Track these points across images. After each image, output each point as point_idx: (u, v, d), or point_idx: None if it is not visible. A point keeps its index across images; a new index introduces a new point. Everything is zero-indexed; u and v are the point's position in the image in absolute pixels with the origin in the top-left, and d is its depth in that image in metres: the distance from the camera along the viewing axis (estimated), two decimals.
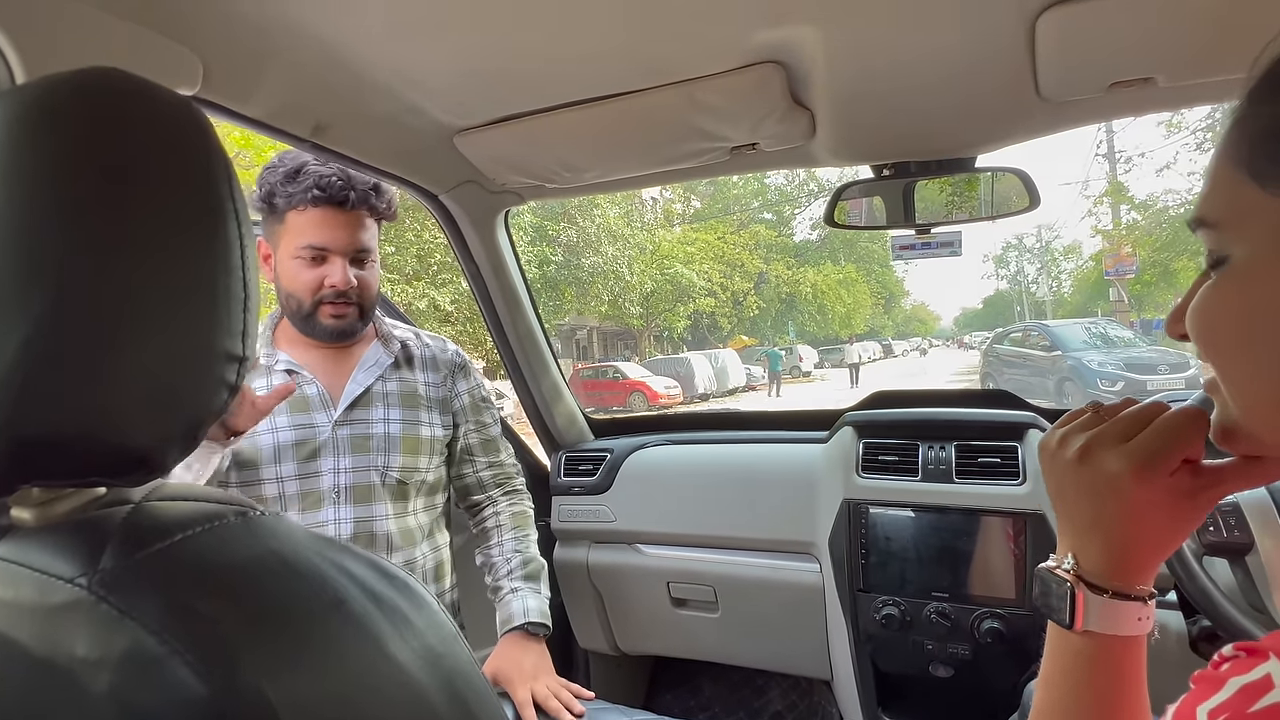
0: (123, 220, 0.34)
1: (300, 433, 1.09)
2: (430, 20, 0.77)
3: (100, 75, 0.37)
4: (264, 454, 1.07)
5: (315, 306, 1.08)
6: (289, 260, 1.07)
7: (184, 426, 0.37)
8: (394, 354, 1.19)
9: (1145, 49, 0.83)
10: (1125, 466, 0.43)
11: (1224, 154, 0.38)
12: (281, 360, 1.12)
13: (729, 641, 1.57)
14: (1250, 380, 0.38)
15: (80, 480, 0.36)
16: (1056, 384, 10.14)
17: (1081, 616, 0.44)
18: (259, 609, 0.33)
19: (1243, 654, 0.33)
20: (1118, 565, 0.45)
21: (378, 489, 1.11)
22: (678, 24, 0.80)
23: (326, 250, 1.07)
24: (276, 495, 1.08)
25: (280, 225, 1.07)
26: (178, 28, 0.73)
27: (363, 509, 1.10)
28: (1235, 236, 0.37)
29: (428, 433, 1.18)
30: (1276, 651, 0.31)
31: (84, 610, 0.30)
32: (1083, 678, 0.45)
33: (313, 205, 1.05)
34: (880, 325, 44.21)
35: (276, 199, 1.06)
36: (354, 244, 1.08)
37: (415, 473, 1.16)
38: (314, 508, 1.08)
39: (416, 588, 0.39)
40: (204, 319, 0.37)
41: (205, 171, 0.38)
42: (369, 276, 1.12)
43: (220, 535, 0.35)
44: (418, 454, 1.16)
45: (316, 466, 1.08)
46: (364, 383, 1.14)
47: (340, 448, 1.10)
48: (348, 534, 1.08)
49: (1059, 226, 41.48)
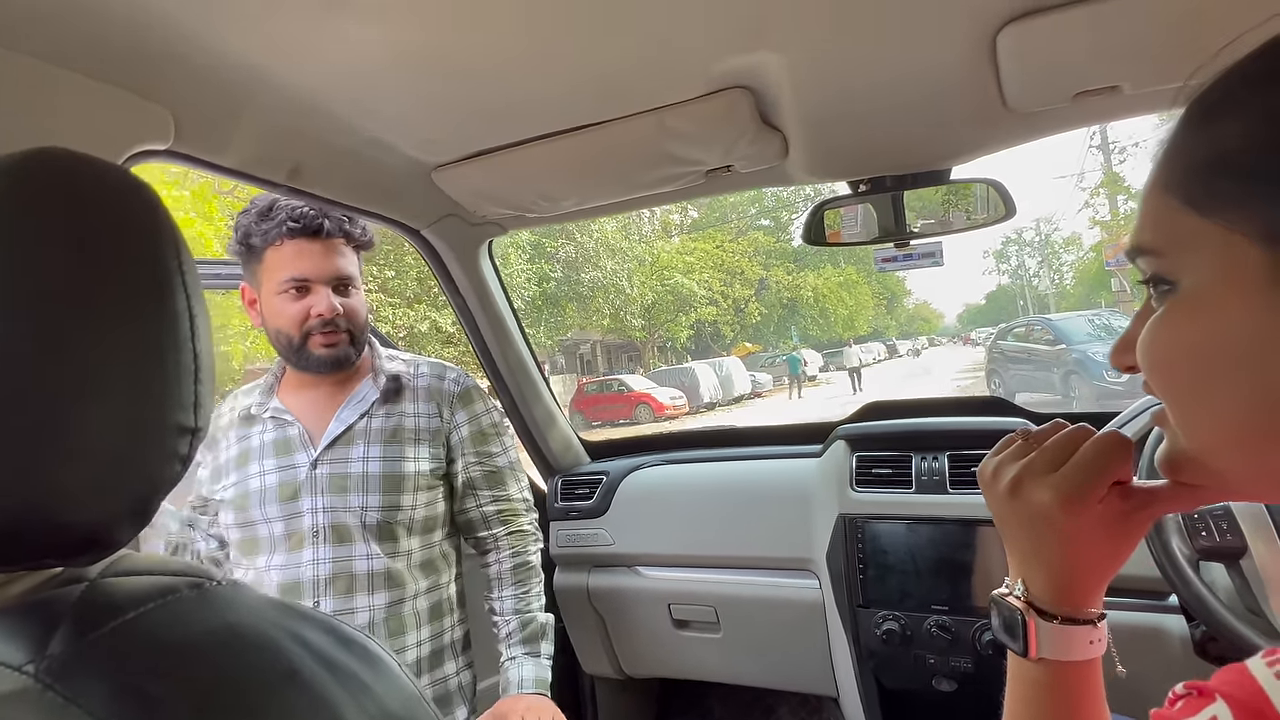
0: (70, 299, 0.35)
1: (283, 474, 1.10)
2: (399, 61, 0.78)
3: (45, 156, 0.37)
4: (252, 498, 1.09)
5: (305, 338, 1.09)
6: (273, 297, 1.08)
7: (134, 502, 0.37)
8: (379, 388, 1.17)
9: (1107, 59, 0.83)
10: (1053, 498, 0.43)
11: (1158, 182, 0.37)
12: (272, 407, 1.14)
13: (733, 661, 1.56)
14: (1206, 417, 0.37)
15: (31, 563, 0.36)
16: (1062, 378, 10.09)
17: (1034, 644, 0.45)
18: (209, 685, 0.33)
19: (1194, 693, 0.33)
20: (1063, 592, 0.45)
21: (356, 529, 1.10)
22: (643, 55, 0.81)
23: (308, 281, 1.08)
24: (267, 536, 1.09)
25: (259, 265, 1.08)
26: (148, 85, 0.74)
27: (342, 549, 1.09)
28: (1179, 264, 0.36)
29: (412, 468, 1.15)
30: (1222, 693, 0.31)
31: (31, 699, 0.30)
32: (1042, 705, 0.45)
33: (289, 238, 1.06)
34: (884, 325, 44.17)
35: (253, 239, 1.07)
36: (334, 271, 1.09)
37: (398, 511, 1.13)
38: (297, 548, 1.08)
39: (376, 651, 0.39)
40: (153, 392, 0.37)
41: (152, 245, 0.38)
42: (354, 304, 1.13)
43: (174, 610, 0.35)
44: (400, 491, 1.13)
45: (298, 507, 1.09)
46: (347, 420, 1.14)
47: (318, 487, 1.10)
48: (326, 574, 1.07)
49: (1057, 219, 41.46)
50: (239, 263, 1.13)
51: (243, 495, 1.09)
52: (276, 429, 1.13)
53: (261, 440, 1.13)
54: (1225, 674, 0.33)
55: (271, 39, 0.71)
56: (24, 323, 0.34)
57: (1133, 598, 1.13)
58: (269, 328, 1.11)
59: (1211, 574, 0.95)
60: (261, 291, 1.10)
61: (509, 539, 1.24)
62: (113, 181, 0.39)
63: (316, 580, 1.07)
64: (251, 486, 1.09)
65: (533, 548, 1.26)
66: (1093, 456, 0.43)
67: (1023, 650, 0.45)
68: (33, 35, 0.64)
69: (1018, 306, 39.97)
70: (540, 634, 1.20)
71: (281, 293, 1.08)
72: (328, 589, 1.07)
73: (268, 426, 1.13)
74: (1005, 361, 12.23)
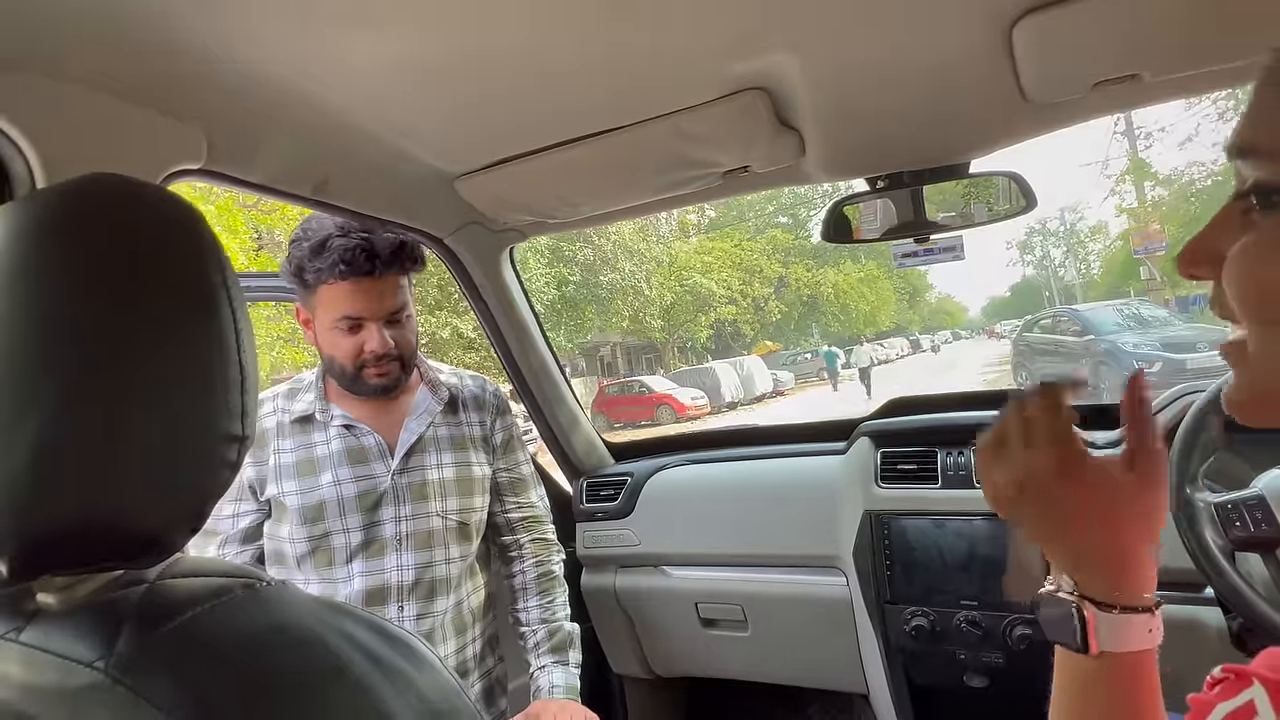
0: (126, 318, 0.37)
1: (362, 484, 1.11)
2: (421, 74, 0.80)
3: (101, 182, 0.40)
4: (329, 507, 1.09)
5: (358, 370, 1.11)
6: (327, 331, 1.10)
7: (189, 508, 0.39)
8: (442, 400, 1.21)
9: (1126, 47, 0.82)
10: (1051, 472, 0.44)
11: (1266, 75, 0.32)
12: (337, 415, 1.14)
13: (762, 659, 1.57)
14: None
15: (96, 566, 0.38)
16: (1091, 369, 9.91)
17: (1094, 638, 0.43)
18: (263, 681, 0.34)
19: (1231, 676, 0.33)
20: (1116, 575, 0.44)
21: (439, 533, 1.14)
22: (659, 60, 0.82)
23: (361, 319, 1.09)
24: (343, 545, 1.09)
25: (313, 297, 1.10)
26: (183, 108, 0.77)
27: (424, 554, 1.12)
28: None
29: (479, 472, 1.21)
30: (1260, 676, 0.31)
31: (102, 693, 0.32)
32: (1102, 701, 0.44)
33: (340, 279, 1.06)
34: (906, 320, 43.69)
35: (306, 275, 1.08)
36: (386, 309, 1.10)
37: (473, 513, 1.19)
38: (377, 555, 1.10)
39: (419, 648, 0.41)
40: (204, 404, 0.39)
41: (198, 263, 0.40)
42: (406, 333, 1.14)
43: (228, 609, 0.37)
44: (473, 494, 1.19)
45: (379, 516, 1.11)
46: (417, 431, 1.16)
47: (401, 496, 1.12)
48: (410, 580, 1.10)
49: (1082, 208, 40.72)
50: (267, 276, 1.16)
51: (315, 505, 1.09)
52: (346, 438, 1.13)
53: (329, 449, 1.12)
54: (1264, 658, 0.33)
55: (300, 57, 0.74)
56: (84, 340, 0.36)
57: (1167, 590, 1.11)
58: (323, 354, 1.13)
59: (1248, 564, 0.94)
60: (316, 320, 1.11)
61: (532, 546, 1.28)
62: (160, 203, 0.41)
63: (402, 586, 1.10)
64: (326, 495, 1.09)
65: (556, 557, 1.30)
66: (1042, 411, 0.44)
67: (1082, 646, 0.43)
68: (75, 62, 0.67)
69: (1043, 298, 39.31)
70: (568, 643, 1.22)
71: (334, 328, 1.09)
72: (411, 594, 1.10)
73: (333, 434, 1.13)
74: (1031, 354, 12.04)
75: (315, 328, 1.12)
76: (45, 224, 0.37)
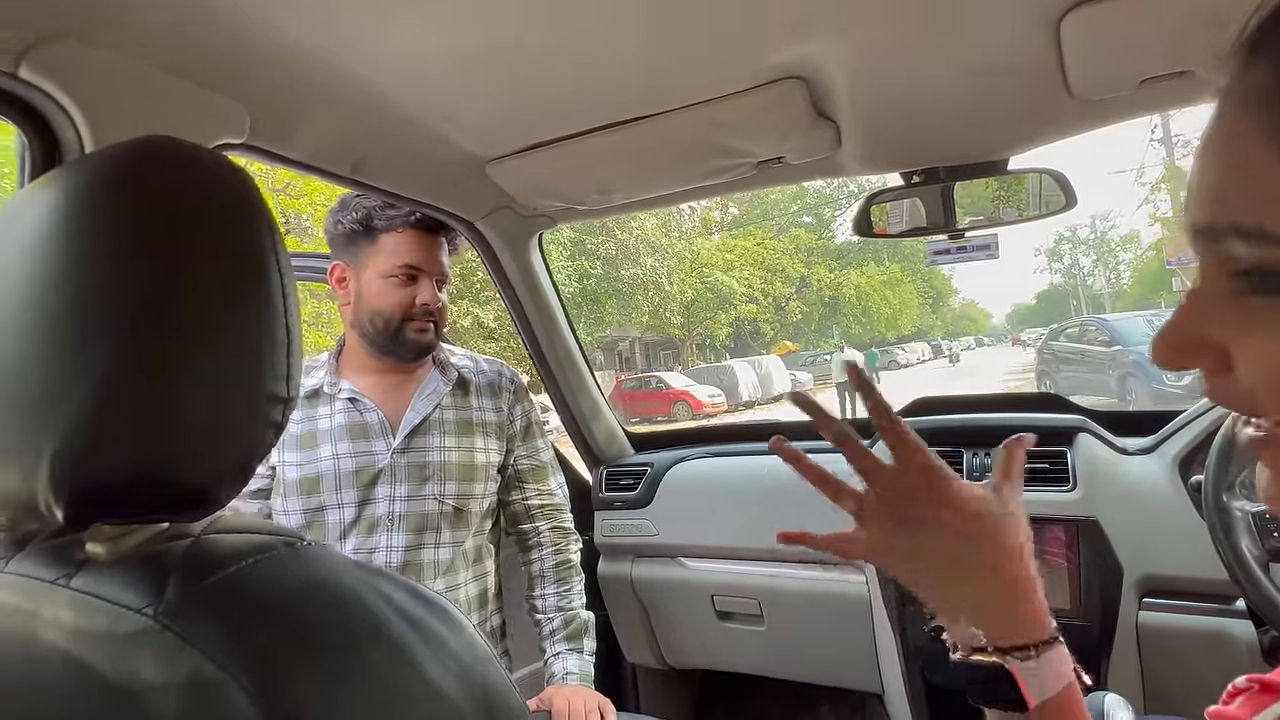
0: (178, 278, 0.38)
1: (360, 460, 1.12)
2: (460, 56, 0.80)
3: (155, 144, 0.40)
4: (325, 480, 1.10)
5: (402, 323, 1.12)
6: (379, 280, 1.12)
7: (236, 464, 0.40)
8: (451, 381, 1.21)
9: (1177, 43, 0.81)
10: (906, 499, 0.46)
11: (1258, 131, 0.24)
12: (344, 388, 1.15)
13: (776, 654, 1.56)
14: None
15: (145, 517, 0.39)
16: (1118, 380, 9.74)
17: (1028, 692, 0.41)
18: (305, 635, 0.35)
19: (1255, 687, 0.32)
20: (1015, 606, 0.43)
21: (433, 516, 1.13)
22: (697, 47, 0.82)
23: (420, 270, 1.13)
24: (336, 521, 1.10)
25: (372, 246, 1.12)
26: (227, 82, 0.79)
27: (414, 536, 1.12)
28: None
29: (483, 459, 1.20)
30: None
31: (150, 638, 0.33)
32: None
33: (409, 228, 1.12)
34: (929, 325, 43.16)
35: (376, 221, 1.12)
36: (441, 266, 1.16)
37: (471, 499, 1.17)
38: (367, 533, 1.11)
39: (453, 612, 0.41)
40: (252, 365, 0.40)
41: (250, 227, 0.41)
42: (445, 300, 1.18)
43: (271, 565, 0.38)
44: (473, 480, 1.18)
45: (374, 494, 1.11)
46: (423, 411, 1.17)
47: (398, 475, 1.13)
48: (397, 561, 1.10)
49: (1114, 216, 39.92)
50: (296, 255, 1.18)
51: (312, 478, 1.10)
52: (350, 412, 1.14)
53: (332, 422, 1.13)
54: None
55: (342, 36, 0.74)
56: (139, 300, 0.36)
57: (1197, 601, 1.09)
58: (364, 307, 1.13)
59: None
60: (365, 272, 1.13)
61: (551, 534, 1.27)
62: (214, 166, 0.41)
63: (389, 566, 1.10)
64: (323, 469, 1.10)
65: (573, 546, 1.30)
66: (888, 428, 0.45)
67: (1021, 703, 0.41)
68: (123, 32, 0.68)
69: (1070, 306, 38.62)
70: (583, 630, 1.23)
71: (391, 276, 1.12)
72: None
73: (337, 408, 1.14)
74: (1056, 363, 11.86)
75: (362, 280, 1.13)
76: (102, 183, 0.38)
